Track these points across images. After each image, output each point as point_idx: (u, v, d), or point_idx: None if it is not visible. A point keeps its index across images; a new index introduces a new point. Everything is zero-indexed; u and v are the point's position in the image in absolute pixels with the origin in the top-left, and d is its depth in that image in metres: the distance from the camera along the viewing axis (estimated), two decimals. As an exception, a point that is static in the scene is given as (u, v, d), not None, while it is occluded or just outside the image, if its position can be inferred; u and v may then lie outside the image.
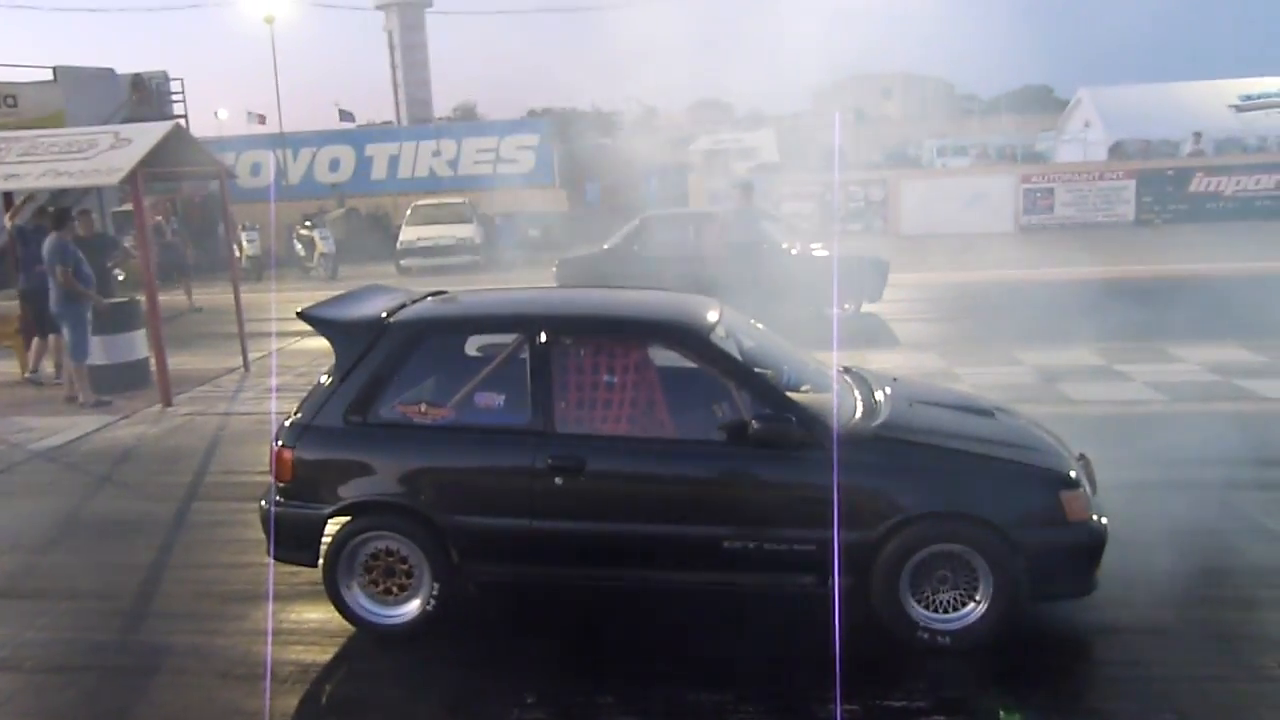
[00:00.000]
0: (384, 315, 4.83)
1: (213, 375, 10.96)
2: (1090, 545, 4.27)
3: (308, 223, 21.83)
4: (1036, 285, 14.75)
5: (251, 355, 11.38)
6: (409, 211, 22.61)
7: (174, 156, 10.33)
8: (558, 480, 4.37)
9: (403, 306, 5.00)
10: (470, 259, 20.98)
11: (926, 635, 4.27)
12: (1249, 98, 29.96)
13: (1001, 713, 3.88)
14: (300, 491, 4.65)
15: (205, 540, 6.12)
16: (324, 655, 4.57)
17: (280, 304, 15.37)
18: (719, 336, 4.67)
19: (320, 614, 4.98)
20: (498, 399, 4.68)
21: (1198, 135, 26.17)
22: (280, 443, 4.68)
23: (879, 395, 4.90)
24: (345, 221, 24.62)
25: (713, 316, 4.85)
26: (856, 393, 4.96)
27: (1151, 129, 27.37)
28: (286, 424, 4.74)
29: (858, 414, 4.63)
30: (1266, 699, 3.91)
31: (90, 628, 4.99)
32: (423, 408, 4.66)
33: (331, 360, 4.83)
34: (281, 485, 4.70)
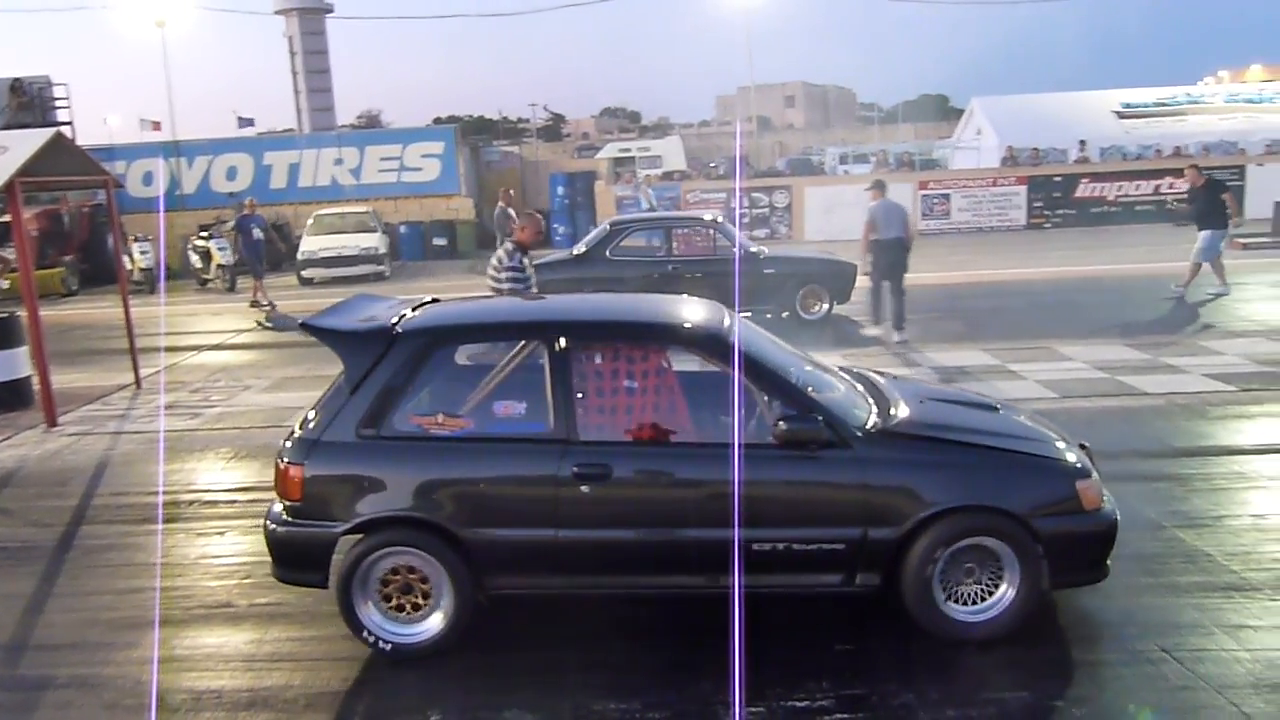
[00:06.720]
0: (393, 324, 4.67)
1: (102, 393, 10.51)
2: (1105, 533, 4.43)
3: (203, 233, 21.14)
4: (933, 289, 15.18)
5: (144, 372, 10.94)
6: (310, 221, 22.08)
7: (56, 165, 9.89)
8: (583, 489, 4.30)
9: (404, 315, 4.82)
10: (374, 269, 20.60)
11: (957, 628, 4.34)
12: (1129, 106, 31.40)
13: (1130, 707, 3.94)
14: (310, 510, 4.45)
15: (93, 566, 5.86)
16: (219, 682, 4.41)
17: (173, 318, 14.84)
18: (736, 339, 4.67)
19: (216, 639, 4.83)
20: (518, 407, 4.60)
21: (1083, 143, 27.33)
22: (287, 460, 4.48)
23: (888, 393, 4.96)
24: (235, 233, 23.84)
25: (727, 320, 4.86)
26: (863, 390, 5.02)
27: (1040, 137, 28.43)
28: (291, 440, 4.55)
29: (874, 412, 4.67)
30: (1151, 681, 4.09)
31: (-35, 663, 4.73)
32: (440, 418, 4.54)
33: (228, 376, 4.68)
34: (289, 504, 4.50)
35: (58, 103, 26.84)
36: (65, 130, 24.96)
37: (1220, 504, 6.00)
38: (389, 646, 4.43)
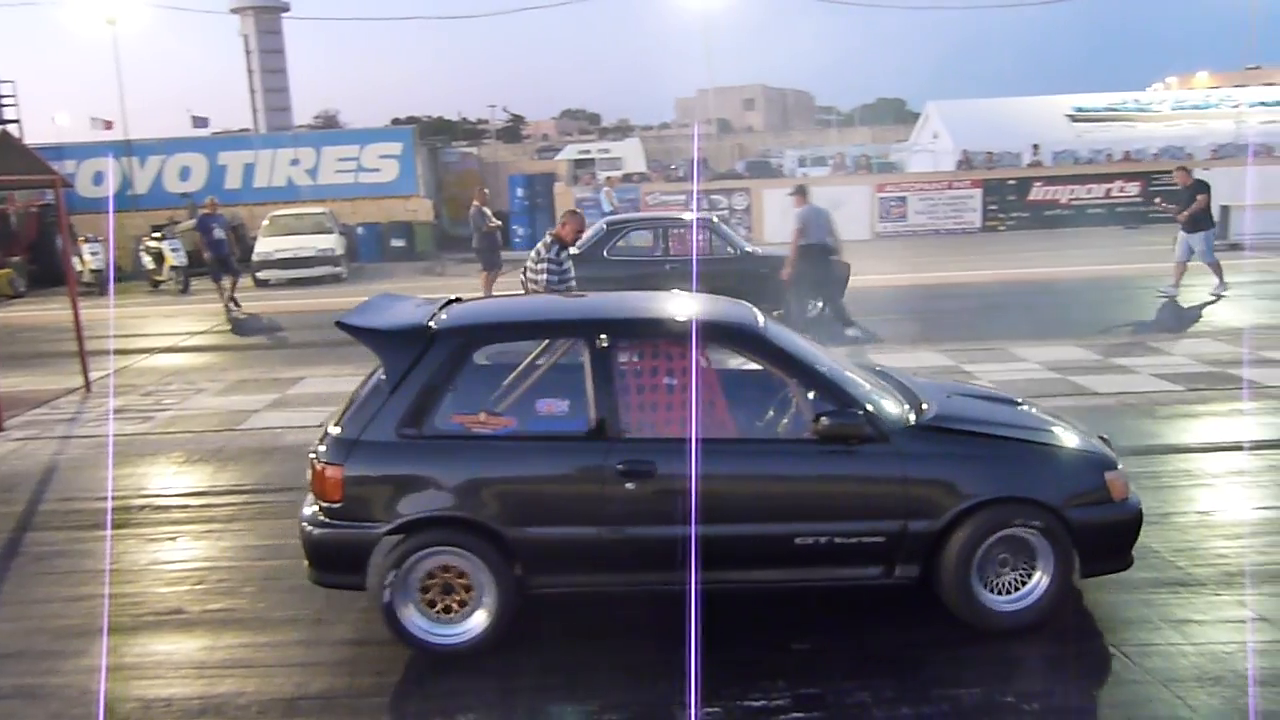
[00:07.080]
0: (429, 322, 4.62)
1: (50, 397, 10.29)
2: (1132, 522, 4.54)
3: (156, 234, 20.77)
4: (888, 291, 15.35)
5: (94, 375, 10.74)
6: (266, 222, 21.77)
7: (2, 164, 9.70)
8: (629, 486, 4.30)
9: (436, 314, 4.78)
10: (331, 270, 20.37)
11: (995, 618, 4.41)
12: (1081, 110, 31.96)
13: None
14: (350, 511, 4.38)
15: (40, 573, 5.74)
16: (170, 690, 4.34)
17: (124, 320, 14.58)
18: (773, 336, 4.70)
19: (167, 645, 4.76)
20: (560, 405, 4.60)
21: (1036, 147, 27.77)
22: (324, 460, 4.40)
23: (916, 389, 5.02)
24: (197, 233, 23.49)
25: (761, 317, 4.89)
26: (889, 386, 5.06)
27: (994, 141, 28.82)
28: (327, 442, 4.46)
29: (905, 407, 4.72)
30: (1100, 676, 4.17)
31: (-95, 674, 4.61)
32: (482, 417, 4.51)
33: (181, 379, 4.60)
34: (328, 505, 4.42)
35: (4, 100, 26.33)
36: (12, 128, 24.49)
37: (1167, 501, 6.12)
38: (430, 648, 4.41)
